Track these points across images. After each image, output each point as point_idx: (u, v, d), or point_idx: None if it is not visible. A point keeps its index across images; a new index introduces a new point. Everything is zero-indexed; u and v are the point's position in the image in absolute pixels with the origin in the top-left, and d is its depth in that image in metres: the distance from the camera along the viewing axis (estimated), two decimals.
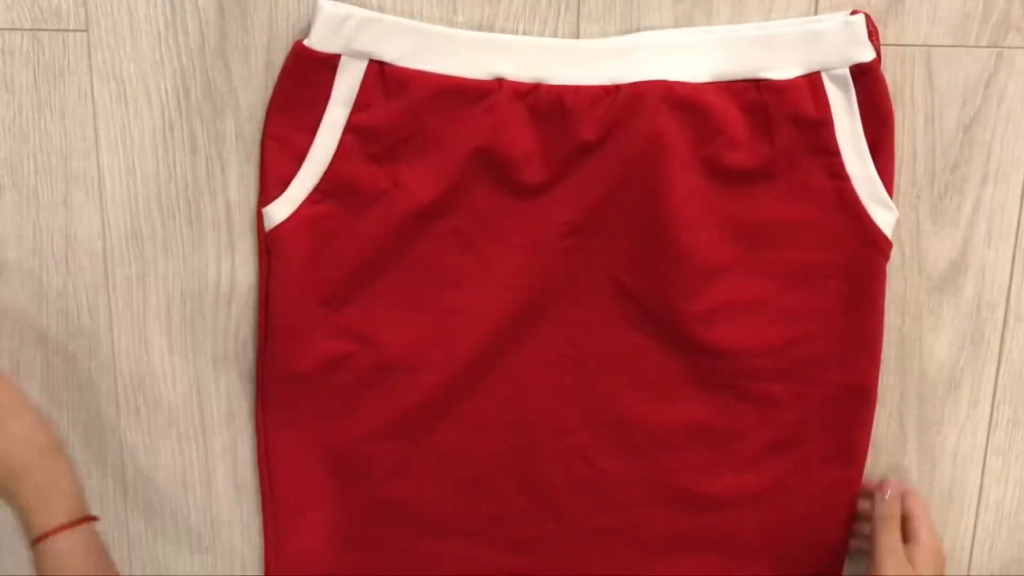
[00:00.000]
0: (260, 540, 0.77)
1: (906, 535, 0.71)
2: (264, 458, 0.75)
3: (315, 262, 0.70)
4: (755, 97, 0.66)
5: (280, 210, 0.69)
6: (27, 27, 0.69)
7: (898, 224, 0.71)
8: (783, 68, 0.66)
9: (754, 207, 0.68)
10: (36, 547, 0.65)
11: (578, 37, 0.68)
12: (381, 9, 0.67)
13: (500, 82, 0.67)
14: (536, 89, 0.67)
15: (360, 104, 0.67)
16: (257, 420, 0.74)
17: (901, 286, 0.73)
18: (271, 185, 0.69)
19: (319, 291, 0.70)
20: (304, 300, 0.70)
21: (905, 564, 0.69)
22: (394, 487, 0.74)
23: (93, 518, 0.67)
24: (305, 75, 0.67)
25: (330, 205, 0.69)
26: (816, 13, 0.67)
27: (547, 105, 0.67)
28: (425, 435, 0.73)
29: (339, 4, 0.66)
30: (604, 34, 0.68)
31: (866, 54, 0.65)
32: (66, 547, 0.65)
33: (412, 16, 0.68)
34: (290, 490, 0.75)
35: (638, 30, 0.68)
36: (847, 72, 0.65)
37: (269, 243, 0.70)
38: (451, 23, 0.68)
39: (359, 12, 0.66)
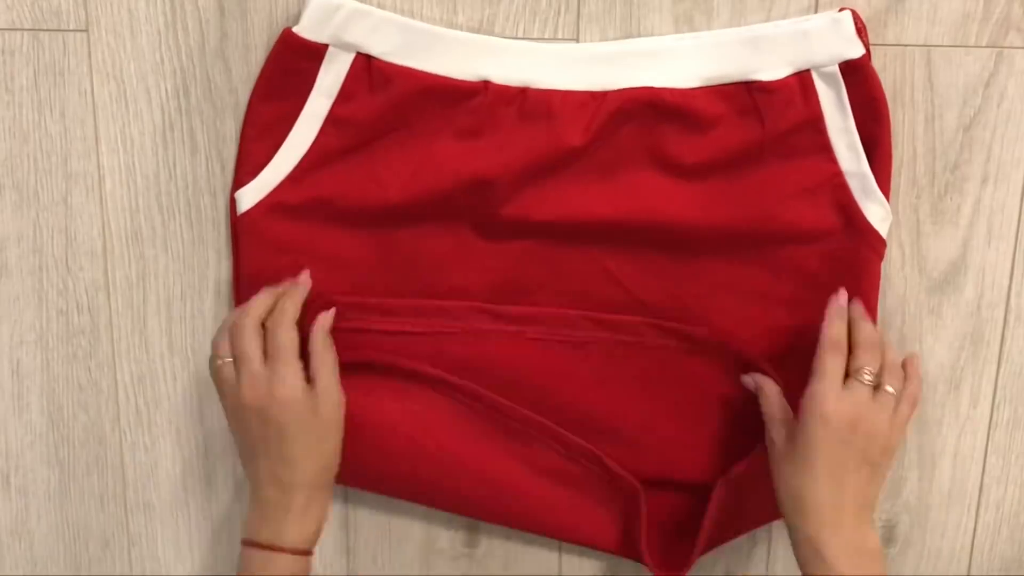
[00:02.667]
0: None
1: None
2: None
3: (285, 249, 0.70)
4: (745, 99, 0.66)
5: (250, 195, 0.69)
6: (27, 27, 0.69)
7: (898, 224, 0.71)
8: (772, 69, 0.66)
9: (746, 205, 0.68)
10: (257, 551, 0.66)
11: (578, 38, 0.68)
12: (381, 6, 0.67)
13: (486, 84, 0.67)
14: (523, 93, 0.67)
15: (343, 96, 0.67)
16: None
17: (901, 286, 0.73)
18: (245, 171, 0.69)
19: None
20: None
21: (778, 437, 0.66)
22: (377, 472, 0.74)
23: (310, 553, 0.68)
24: (291, 63, 0.67)
25: (302, 194, 0.68)
26: (816, 13, 0.67)
27: (534, 109, 0.66)
28: (408, 424, 0.72)
29: None
30: (604, 34, 0.68)
31: (855, 51, 0.65)
32: (288, 568, 0.66)
33: (412, 15, 0.68)
34: None
35: (638, 31, 0.68)
36: (836, 69, 0.65)
37: (239, 228, 0.70)
38: (451, 23, 0.68)
39: (350, 3, 0.66)
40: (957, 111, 0.69)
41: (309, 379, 0.66)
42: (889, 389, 0.65)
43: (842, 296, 0.67)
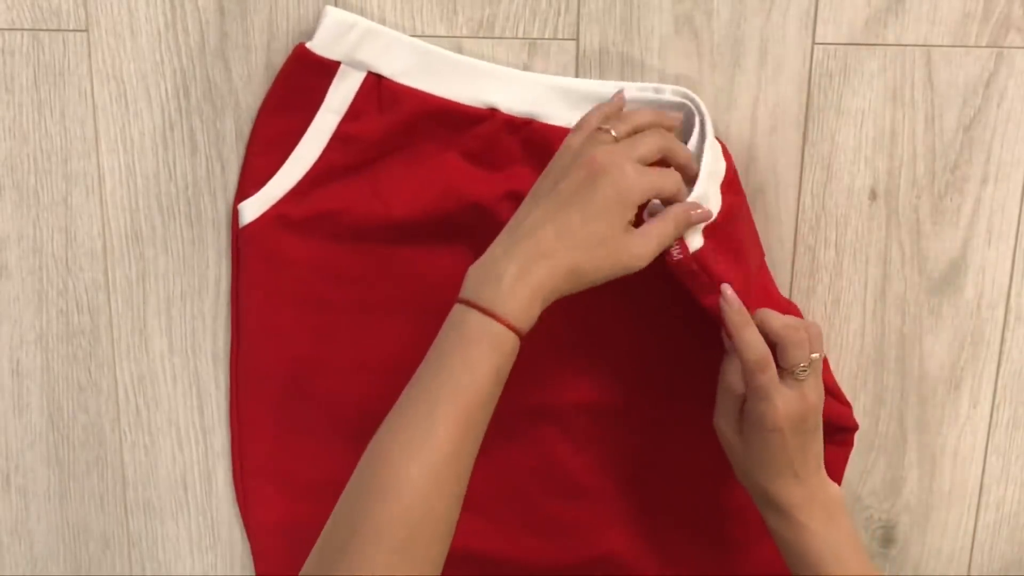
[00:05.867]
0: None
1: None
2: (237, 453, 0.75)
3: (286, 263, 0.70)
4: None
5: (253, 208, 0.69)
6: (27, 27, 0.69)
7: (898, 224, 0.71)
8: None
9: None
10: (475, 313, 0.57)
11: (578, 38, 0.68)
12: (383, 9, 0.67)
13: (493, 112, 0.67)
14: (528, 125, 0.67)
15: (352, 114, 0.67)
16: (231, 418, 0.74)
17: (901, 286, 0.73)
18: (249, 183, 0.69)
19: (291, 292, 0.70)
20: (274, 300, 0.70)
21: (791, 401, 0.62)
22: None
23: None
24: (302, 78, 0.67)
25: (306, 208, 0.69)
26: (816, 13, 0.67)
27: (538, 142, 0.67)
28: None
29: (345, 12, 0.66)
30: (604, 35, 0.68)
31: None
32: (511, 350, 0.57)
33: (412, 14, 0.68)
34: (264, 494, 0.75)
35: (638, 31, 0.68)
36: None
37: (241, 240, 0.70)
38: (451, 23, 0.68)
39: (364, 23, 0.66)
40: (957, 111, 0.69)
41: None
42: (816, 356, 0.63)
43: (728, 293, 0.62)
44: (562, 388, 0.72)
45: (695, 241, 0.61)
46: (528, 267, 0.57)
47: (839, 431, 0.71)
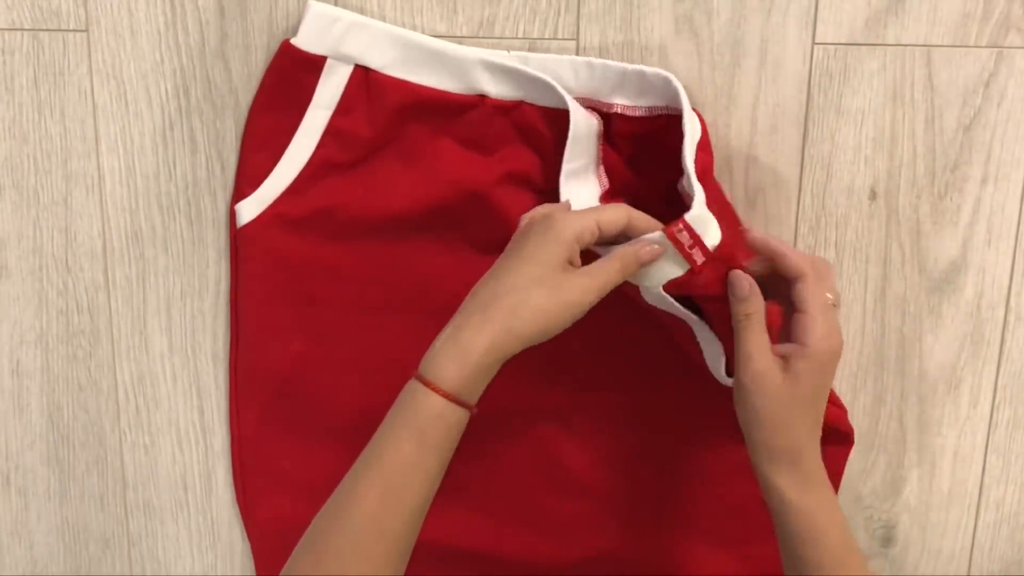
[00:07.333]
0: None
1: (792, 329, 0.60)
2: (237, 453, 0.75)
3: (285, 262, 0.70)
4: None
5: (251, 208, 0.69)
6: (27, 27, 0.69)
7: (898, 224, 0.71)
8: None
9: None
10: (412, 382, 0.56)
11: (578, 38, 0.68)
12: (383, 8, 0.67)
13: (483, 98, 0.67)
14: (519, 107, 0.67)
15: (342, 108, 0.67)
16: (231, 418, 0.74)
17: (901, 286, 0.73)
18: (245, 183, 0.69)
19: (290, 291, 0.70)
20: (273, 300, 0.70)
21: (771, 369, 0.59)
22: None
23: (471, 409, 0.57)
24: (290, 74, 0.67)
25: (302, 206, 0.68)
26: (816, 13, 0.67)
27: (529, 125, 0.67)
28: None
29: (329, 6, 0.66)
30: (604, 35, 0.68)
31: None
32: (437, 415, 0.55)
33: (412, 14, 0.68)
34: (264, 493, 0.75)
35: (638, 31, 0.68)
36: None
37: (238, 241, 0.70)
38: (451, 23, 0.68)
39: (348, 16, 0.66)
40: (957, 111, 0.69)
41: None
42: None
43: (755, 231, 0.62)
44: (562, 386, 0.72)
45: (712, 237, 0.59)
46: (462, 326, 0.56)
47: (834, 433, 0.71)
